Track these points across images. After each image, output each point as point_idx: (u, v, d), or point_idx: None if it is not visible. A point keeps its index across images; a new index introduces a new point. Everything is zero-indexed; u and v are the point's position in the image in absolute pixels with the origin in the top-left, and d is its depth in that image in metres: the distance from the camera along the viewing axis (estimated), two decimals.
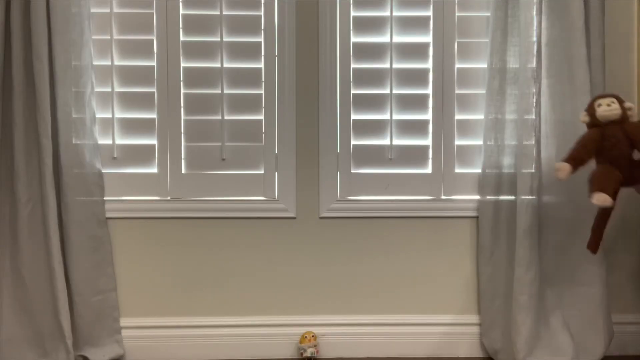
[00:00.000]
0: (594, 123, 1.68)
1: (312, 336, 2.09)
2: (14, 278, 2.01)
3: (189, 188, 2.15)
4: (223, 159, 2.15)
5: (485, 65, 2.09)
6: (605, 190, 1.61)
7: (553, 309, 2.06)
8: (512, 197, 2.05)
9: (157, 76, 2.12)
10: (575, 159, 1.64)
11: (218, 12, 2.12)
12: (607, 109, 1.64)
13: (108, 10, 2.11)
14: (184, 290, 2.15)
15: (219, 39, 2.12)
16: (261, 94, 2.14)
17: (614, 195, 1.62)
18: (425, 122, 2.16)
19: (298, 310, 2.16)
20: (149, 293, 2.15)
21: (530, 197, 2.01)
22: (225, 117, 2.13)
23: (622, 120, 1.66)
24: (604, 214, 1.74)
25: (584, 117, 1.69)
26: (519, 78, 2.03)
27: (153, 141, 2.14)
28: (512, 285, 2.02)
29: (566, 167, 1.61)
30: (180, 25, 2.12)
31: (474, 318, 2.17)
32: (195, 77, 2.13)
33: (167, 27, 2.12)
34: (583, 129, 1.99)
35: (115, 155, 2.13)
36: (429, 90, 2.15)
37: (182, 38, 2.12)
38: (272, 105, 2.14)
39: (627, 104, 1.67)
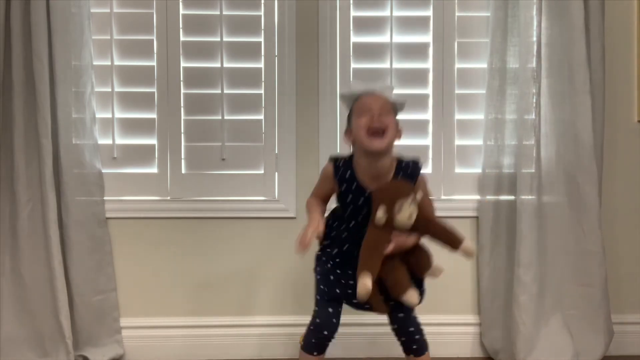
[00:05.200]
0: (388, 222, 1.47)
1: None
2: (14, 278, 2.01)
3: (189, 188, 2.15)
4: (223, 159, 2.14)
5: (485, 65, 2.09)
6: (372, 270, 1.43)
7: (553, 309, 2.06)
8: (512, 197, 2.05)
9: (157, 76, 2.12)
10: (373, 270, 1.44)
11: (218, 12, 2.12)
12: (408, 217, 1.46)
13: (108, 10, 2.11)
14: (183, 290, 2.15)
15: (219, 39, 2.12)
16: (261, 94, 2.14)
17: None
18: (425, 122, 2.16)
19: (298, 310, 2.16)
20: (149, 293, 2.14)
21: (530, 197, 2.01)
22: (225, 117, 2.13)
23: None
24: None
25: (381, 215, 1.45)
26: (518, 78, 2.03)
27: (153, 141, 2.14)
28: (512, 285, 2.02)
29: (370, 283, 1.40)
30: (180, 25, 2.12)
31: (474, 318, 2.17)
32: (195, 77, 2.13)
33: (167, 27, 2.12)
34: (583, 129, 2.00)
35: (115, 155, 2.13)
36: (428, 90, 2.15)
37: (182, 38, 2.12)
38: (272, 105, 2.14)
39: (419, 195, 1.49)
